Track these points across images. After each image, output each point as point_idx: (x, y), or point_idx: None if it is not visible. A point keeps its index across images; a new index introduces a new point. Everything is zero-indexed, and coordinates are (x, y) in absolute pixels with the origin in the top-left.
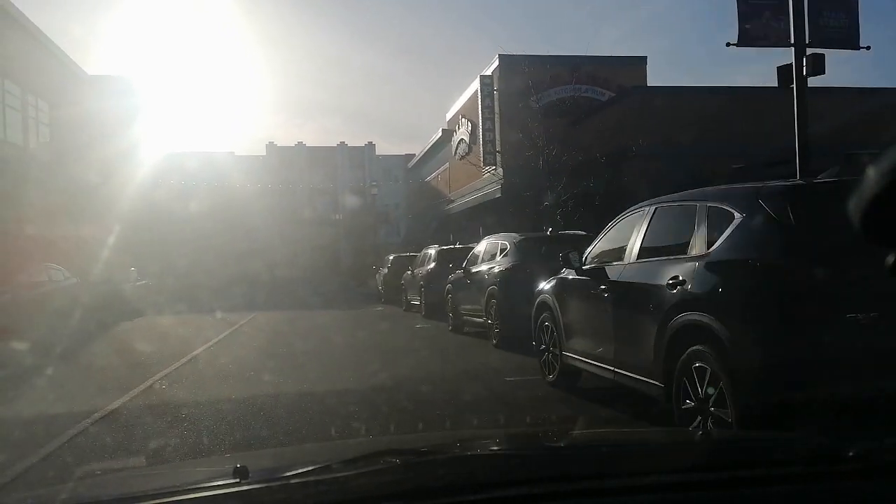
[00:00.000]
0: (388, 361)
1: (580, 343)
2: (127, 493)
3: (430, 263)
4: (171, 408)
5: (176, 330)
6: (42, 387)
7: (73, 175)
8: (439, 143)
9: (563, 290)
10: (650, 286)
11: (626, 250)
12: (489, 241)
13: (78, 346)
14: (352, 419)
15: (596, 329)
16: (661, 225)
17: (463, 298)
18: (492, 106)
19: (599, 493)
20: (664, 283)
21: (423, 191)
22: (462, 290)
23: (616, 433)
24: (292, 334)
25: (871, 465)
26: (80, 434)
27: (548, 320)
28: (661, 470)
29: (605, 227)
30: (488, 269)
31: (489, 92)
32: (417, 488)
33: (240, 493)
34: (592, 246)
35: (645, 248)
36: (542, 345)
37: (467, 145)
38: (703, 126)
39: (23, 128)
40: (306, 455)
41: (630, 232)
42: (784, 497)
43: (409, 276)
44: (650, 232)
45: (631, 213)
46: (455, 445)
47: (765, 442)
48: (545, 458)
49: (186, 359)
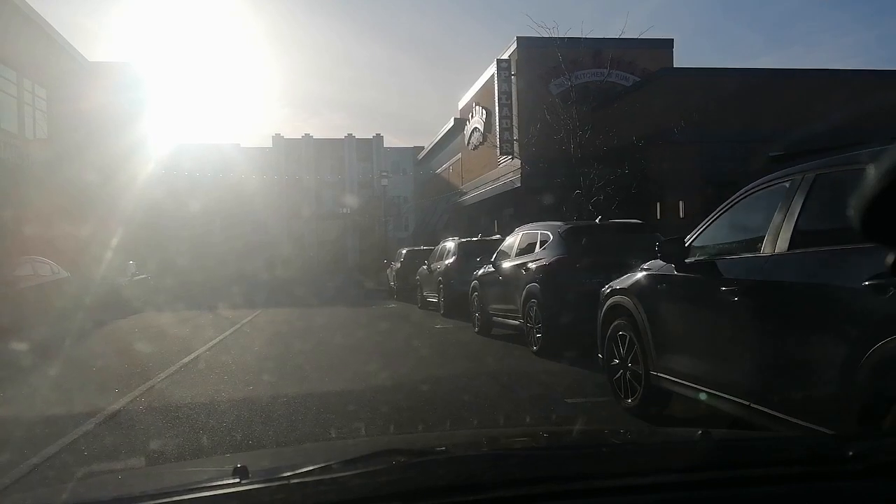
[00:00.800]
0: (418, 371)
1: (685, 363)
2: (127, 493)
3: (450, 258)
4: (144, 431)
5: (172, 329)
6: (11, 392)
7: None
8: (451, 133)
9: (653, 290)
10: (830, 288)
11: (766, 238)
12: (525, 232)
13: (65, 345)
14: None
15: (720, 346)
16: (825, 199)
17: (493, 297)
18: (509, 91)
19: (599, 493)
20: (859, 286)
21: (434, 183)
22: (492, 287)
23: (616, 433)
24: (300, 335)
25: (871, 465)
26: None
27: (625, 329)
28: (661, 470)
29: (716, 209)
30: (526, 263)
31: (506, 76)
32: (417, 488)
33: (240, 493)
34: (695, 234)
35: (800, 232)
36: (616, 359)
37: (481, 134)
38: (739, 109)
39: (18, 115)
40: (306, 455)
41: (767, 213)
42: (784, 497)
43: (424, 272)
44: (806, 211)
45: (763, 186)
46: (455, 445)
47: (765, 442)
48: (545, 458)
49: (174, 368)
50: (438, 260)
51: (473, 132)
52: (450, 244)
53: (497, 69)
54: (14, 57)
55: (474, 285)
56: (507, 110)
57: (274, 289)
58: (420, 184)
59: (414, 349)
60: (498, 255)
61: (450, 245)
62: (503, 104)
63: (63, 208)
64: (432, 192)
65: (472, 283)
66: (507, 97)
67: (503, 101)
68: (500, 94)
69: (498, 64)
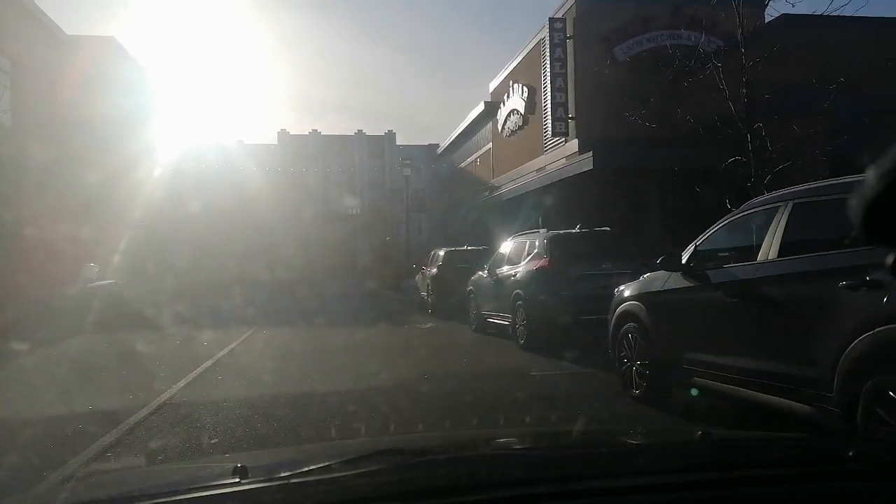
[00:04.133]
0: None
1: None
2: (127, 493)
3: (532, 260)
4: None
5: (104, 365)
6: None
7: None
8: (479, 122)
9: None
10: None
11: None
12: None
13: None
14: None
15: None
16: None
17: (692, 335)
18: (564, 58)
19: (599, 493)
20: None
21: (455, 180)
22: (684, 315)
23: (616, 433)
24: (310, 406)
25: (871, 465)
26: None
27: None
28: (661, 470)
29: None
30: None
31: (561, 40)
32: (417, 488)
33: (240, 493)
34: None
35: None
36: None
37: (521, 116)
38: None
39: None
40: (306, 455)
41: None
42: (784, 497)
43: (484, 281)
44: None
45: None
46: (455, 445)
47: (765, 442)
48: (545, 458)
49: None
50: (507, 264)
51: (510, 115)
52: (528, 240)
53: (549, 31)
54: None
55: (631, 310)
56: (562, 81)
57: (274, 297)
58: (437, 182)
59: None
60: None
61: (526, 241)
62: (556, 74)
63: (19, 199)
64: (453, 190)
65: (625, 303)
66: (561, 65)
67: (556, 69)
68: (552, 62)
69: (550, 24)
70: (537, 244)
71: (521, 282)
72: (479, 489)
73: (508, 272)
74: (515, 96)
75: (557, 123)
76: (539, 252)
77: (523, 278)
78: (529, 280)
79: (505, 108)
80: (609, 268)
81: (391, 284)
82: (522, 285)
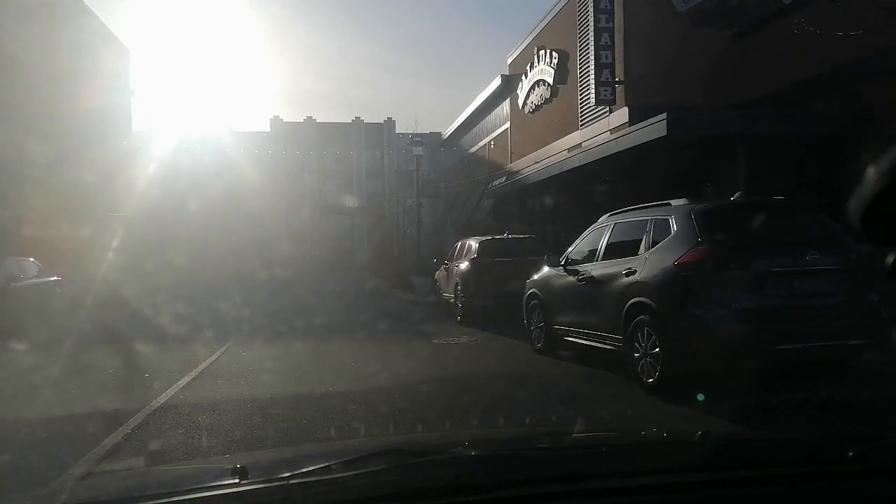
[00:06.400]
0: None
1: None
2: (126, 494)
3: (666, 250)
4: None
5: None
6: None
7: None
8: (493, 100)
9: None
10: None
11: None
12: None
13: None
14: None
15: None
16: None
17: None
18: (610, 10)
19: (599, 493)
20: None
21: (463, 167)
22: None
23: (616, 433)
24: None
25: (871, 465)
26: None
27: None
28: (661, 470)
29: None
30: None
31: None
32: (417, 488)
33: (240, 493)
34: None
35: None
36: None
37: (550, 87)
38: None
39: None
40: (306, 455)
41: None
42: (784, 497)
43: (557, 281)
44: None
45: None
46: (455, 445)
47: (765, 442)
48: (545, 458)
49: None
50: (609, 256)
51: (534, 88)
52: (651, 217)
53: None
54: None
55: None
56: (608, 37)
57: (265, 296)
58: (442, 170)
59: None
60: None
61: (651, 219)
62: (601, 29)
63: None
64: (462, 178)
65: None
66: (607, 17)
67: (601, 23)
68: (596, 14)
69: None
70: (676, 223)
71: (647, 285)
72: (479, 489)
73: (612, 269)
74: (541, 64)
75: (602, 89)
76: (682, 236)
77: (651, 279)
78: (666, 283)
79: (527, 80)
80: (817, 260)
81: (400, 282)
82: (650, 291)
